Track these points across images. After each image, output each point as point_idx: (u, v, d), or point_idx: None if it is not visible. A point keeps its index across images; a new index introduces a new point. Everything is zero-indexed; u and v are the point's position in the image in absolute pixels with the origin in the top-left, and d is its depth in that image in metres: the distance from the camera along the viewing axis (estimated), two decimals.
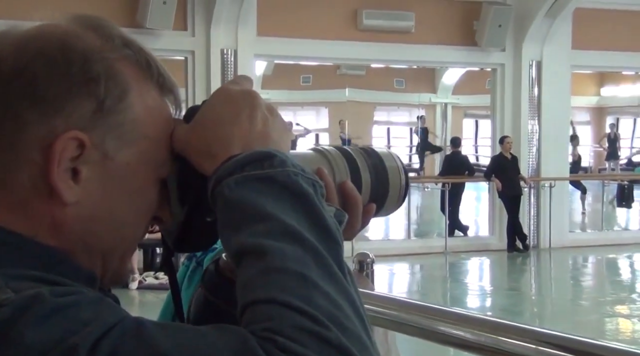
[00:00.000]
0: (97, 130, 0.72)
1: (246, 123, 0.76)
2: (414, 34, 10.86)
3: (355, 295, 0.66)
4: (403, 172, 0.89)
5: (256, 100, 0.78)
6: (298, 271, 0.64)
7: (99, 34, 0.75)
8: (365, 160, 0.87)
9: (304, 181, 0.71)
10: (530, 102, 11.35)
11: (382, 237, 13.38)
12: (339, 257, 0.68)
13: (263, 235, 0.66)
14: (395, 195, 0.89)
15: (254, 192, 0.69)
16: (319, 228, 0.68)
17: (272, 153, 0.71)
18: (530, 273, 10.84)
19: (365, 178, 0.85)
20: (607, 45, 11.58)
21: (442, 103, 22.27)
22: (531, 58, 11.26)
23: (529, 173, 11.24)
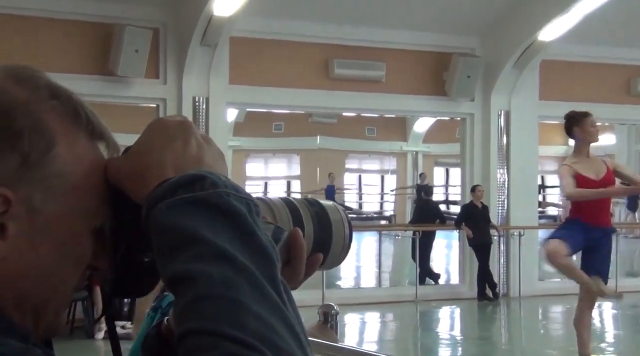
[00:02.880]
0: (23, 185, 0.72)
1: (180, 149, 0.76)
2: (385, 84, 11.00)
3: (290, 314, 0.65)
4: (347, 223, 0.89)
5: (191, 129, 0.79)
6: (229, 296, 0.63)
7: (26, 85, 0.75)
8: (309, 211, 0.86)
9: (237, 201, 0.70)
10: (499, 151, 11.49)
11: (353, 285, 13.34)
12: (274, 276, 0.67)
13: (194, 260, 0.65)
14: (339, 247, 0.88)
15: (186, 216, 0.68)
16: (252, 248, 0.68)
17: (204, 175, 0.71)
18: (500, 322, 10.84)
19: (309, 229, 0.85)
20: (573, 97, 11.77)
21: (413, 152, 22.47)
22: (500, 108, 11.44)
23: (498, 222, 11.32)
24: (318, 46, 10.68)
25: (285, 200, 0.87)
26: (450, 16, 10.71)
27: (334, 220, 0.88)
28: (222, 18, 9.03)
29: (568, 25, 10.19)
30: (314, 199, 0.90)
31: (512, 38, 10.83)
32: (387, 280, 13.16)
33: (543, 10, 10.18)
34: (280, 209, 0.85)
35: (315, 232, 0.86)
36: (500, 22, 10.81)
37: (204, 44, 9.43)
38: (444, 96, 11.28)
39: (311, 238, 0.85)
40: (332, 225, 0.88)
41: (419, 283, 11.31)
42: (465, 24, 10.92)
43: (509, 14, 10.62)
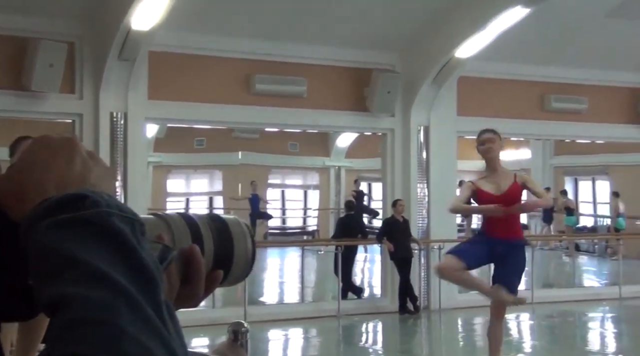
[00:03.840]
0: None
1: (63, 167, 0.74)
2: (306, 99, 11.04)
3: (171, 337, 0.64)
4: (249, 237, 0.89)
5: (75, 145, 0.77)
6: (106, 320, 0.61)
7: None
8: (209, 226, 0.85)
9: (120, 220, 0.68)
10: (419, 165, 11.66)
11: (276, 300, 13.29)
12: (156, 297, 0.66)
13: (71, 283, 0.63)
14: (242, 262, 0.87)
15: (64, 236, 0.66)
16: (134, 269, 0.66)
17: (85, 194, 0.69)
18: (421, 334, 10.97)
19: (208, 245, 0.84)
20: (490, 112, 12.08)
21: (335, 167, 22.61)
22: (419, 123, 11.62)
23: (419, 236, 11.48)
24: (239, 61, 10.65)
25: (184, 216, 0.86)
26: (370, 32, 10.84)
27: (235, 234, 0.87)
28: (140, 32, 8.89)
29: (484, 42, 10.45)
30: (216, 214, 0.89)
31: (430, 55, 11.04)
32: (310, 295, 13.16)
33: (459, 28, 10.42)
34: (178, 225, 0.83)
35: (215, 247, 0.85)
36: (419, 38, 11.01)
37: (121, 58, 9.27)
38: (365, 111, 11.39)
39: (211, 254, 0.84)
40: (233, 239, 0.87)
41: (342, 297, 11.34)
42: (384, 40, 11.08)
43: (427, 31, 10.82)
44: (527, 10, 9.64)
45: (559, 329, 11.06)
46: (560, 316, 11.67)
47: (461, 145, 12.32)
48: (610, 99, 13.16)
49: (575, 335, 10.71)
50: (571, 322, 11.57)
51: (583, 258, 19.99)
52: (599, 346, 9.91)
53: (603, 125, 13.18)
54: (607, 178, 21.92)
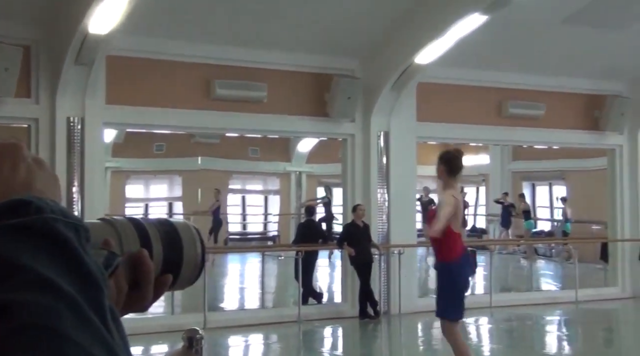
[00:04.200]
0: None
1: (7, 173, 0.74)
2: (266, 104, 11.02)
3: (114, 342, 0.64)
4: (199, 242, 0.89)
5: (20, 151, 0.76)
6: (48, 326, 0.61)
7: None
8: (157, 231, 0.85)
9: (64, 226, 0.68)
10: (379, 171, 11.71)
11: (236, 307, 13.22)
12: (100, 302, 0.66)
13: (12, 289, 0.63)
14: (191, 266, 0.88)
15: (8, 243, 0.66)
16: (77, 274, 0.66)
17: (28, 200, 0.69)
18: (381, 339, 11.00)
19: (157, 249, 0.84)
20: (449, 118, 12.22)
21: (296, 172, 22.60)
22: (379, 129, 11.68)
23: (379, 240, 11.52)
24: (198, 66, 10.60)
25: (132, 220, 0.86)
26: (330, 38, 10.87)
27: (185, 239, 0.88)
28: (98, 36, 8.79)
29: (443, 49, 10.54)
30: (165, 219, 0.90)
31: (389, 60, 11.10)
32: (270, 300, 13.12)
33: (419, 34, 10.51)
34: (126, 229, 0.83)
35: (165, 252, 0.85)
36: (379, 44, 11.07)
37: (78, 62, 9.15)
38: (325, 116, 11.41)
39: (160, 258, 0.84)
40: (182, 244, 0.87)
41: (302, 303, 11.33)
42: (344, 46, 11.12)
43: (387, 37, 10.89)
44: (485, 17, 9.75)
45: (517, 332, 11.18)
46: (518, 319, 11.81)
47: (421, 150, 12.41)
48: (567, 105, 13.37)
49: (533, 339, 10.83)
50: (529, 326, 11.71)
51: (541, 262, 20.27)
52: (556, 350, 10.05)
53: (559, 130, 13.39)
54: (564, 183, 22.27)
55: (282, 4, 9.92)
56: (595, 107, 13.50)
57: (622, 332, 12.10)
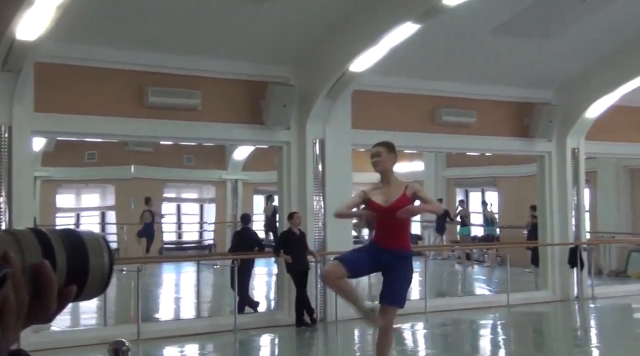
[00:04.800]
0: None
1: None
2: (200, 112, 10.93)
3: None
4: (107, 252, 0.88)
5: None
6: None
7: None
8: (62, 241, 0.84)
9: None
10: (315, 178, 11.73)
11: (171, 317, 13.04)
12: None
13: None
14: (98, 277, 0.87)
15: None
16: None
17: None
18: (318, 347, 10.99)
19: (61, 259, 0.83)
20: (383, 125, 12.31)
21: (232, 180, 22.47)
22: (315, 136, 11.70)
23: (315, 248, 11.52)
24: (131, 73, 10.44)
25: (35, 231, 0.85)
26: (265, 45, 10.86)
27: (91, 249, 0.87)
28: (26, 42, 8.57)
29: (376, 57, 10.64)
30: (71, 229, 0.88)
31: (324, 68, 11.15)
32: (206, 310, 12.98)
33: (353, 42, 10.58)
34: (28, 240, 0.82)
35: (69, 262, 0.84)
36: (313, 52, 11.10)
37: (5, 69, 8.90)
38: (261, 124, 11.38)
39: (64, 269, 0.83)
40: (89, 254, 0.86)
41: (238, 311, 11.24)
42: (279, 54, 11.12)
43: (321, 44, 10.93)
44: (418, 26, 9.88)
45: (451, 337, 11.32)
46: (453, 324, 11.97)
47: (356, 157, 12.47)
48: (498, 113, 13.65)
49: (467, 343, 10.99)
50: (463, 330, 11.87)
51: (474, 267, 20.61)
52: (489, 353, 10.20)
53: (491, 137, 13.65)
54: (496, 189, 22.71)
55: (216, 11, 9.86)
56: (525, 114, 13.82)
57: (552, 335, 12.38)
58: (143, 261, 14.64)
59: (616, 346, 10.22)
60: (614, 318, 13.06)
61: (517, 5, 10.92)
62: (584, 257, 14.13)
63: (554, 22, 11.48)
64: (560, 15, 11.32)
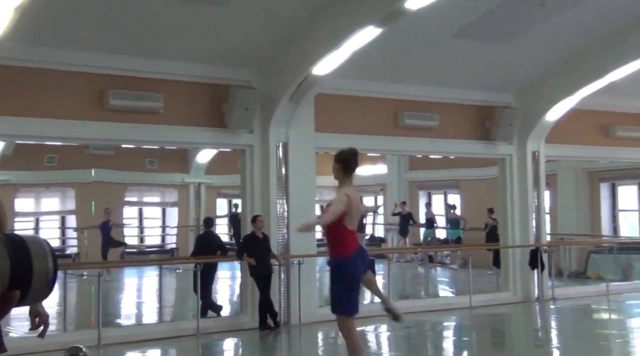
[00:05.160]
0: None
1: None
2: (162, 115, 10.85)
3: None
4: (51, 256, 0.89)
5: None
6: None
7: None
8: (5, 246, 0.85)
9: None
10: (278, 181, 11.71)
11: (133, 321, 12.90)
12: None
13: None
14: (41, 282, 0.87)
15: None
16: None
17: None
18: (281, 350, 10.97)
19: (4, 264, 0.83)
20: (347, 129, 12.35)
21: (195, 183, 22.34)
22: (278, 140, 11.68)
23: (278, 251, 11.50)
24: (91, 76, 10.32)
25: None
26: (227, 48, 10.82)
27: (35, 254, 0.87)
28: None
29: (339, 60, 10.66)
30: (14, 234, 0.88)
31: (287, 72, 11.14)
32: (169, 314, 12.87)
33: (315, 46, 10.58)
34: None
35: (12, 267, 0.84)
36: (276, 55, 11.09)
37: None
38: (223, 127, 11.33)
39: (7, 274, 0.84)
40: (32, 259, 0.86)
41: (201, 315, 11.16)
42: (242, 57, 11.09)
43: (284, 48, 10.93)
44: (380, 30, 9.92)
45: (415, 339, 11.38)
46: (416, 326, 12.02)
47: (320, 161, 12.49)
48: (460, 116, 13.78)
49: (430, 344, 11.05)
50: (426, 332, 11.94)
51: (437, 269, 20.75)
52: (452, 355, 10.28)
53: (453, 141, 13.78)
54: (458, 191, 22.90)
55: (178, 13, 9.79)
56: (486, 118, 13.97)
57: (513, 336, 12.51)
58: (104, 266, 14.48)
59: (576, 347, 10.37)
60: (574, 318, 13.25)
61: (478, 10, 11.03)
62: (545, 258, 14.32)
63: (514, 26, 11.62)
64: (520, 20, 11.47)
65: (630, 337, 11.08)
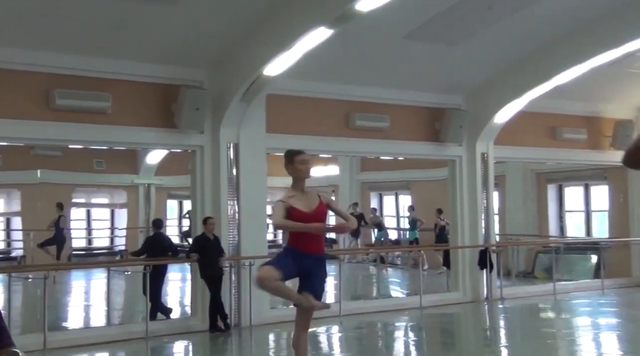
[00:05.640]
0: None
1: None
2: (111, 115, 10.68)
3: None
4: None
5: None
6: None
7: None
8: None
9: None
10: (229, 183, 11.63)
11: (80, 325, 12.68)
12: None
13: None
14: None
15: None
16: None
17: None
18: (231, 352, 10.88)
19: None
20: (298, 130, 12.34)
21: (144, 184, 22.06)
22: (229, 141, 11.60)
23: (229, 253, 11.43)
24: (37, 75, 10.11)
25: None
26: (177, 48, 10.71)
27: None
28: None
29: (291, 61, 10.63)
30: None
31: (238, 72, 11.06)
32: (117, 317, 12.67)
33: (267, 46, 10.53)
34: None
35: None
36: (227, 55, 11.01)
37: None
38: (173, 128, 11.21)
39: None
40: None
41: (150, 318, 11.02)
42: (192, 57, 10.98)
43: (235, 48, 10.85)
44: (331, 31, 9.92)
45: (366, 339, 11.40)
46: (367, 327, 12.06)
47: (271, 162, 12.43)
48: (410, 118, 13.87)
49: (381, 345, 11.09)
50: (377, 332, 11.98)
51: (389, 270, 20.86)
52: (402, 355, 10.33)
53: (404, 142, 13.86)
54: (409, 192, 23.07)
55: (127, 12, 9.64)
56: (436, 119, 14.10)
57: (463, 335, 12.64)
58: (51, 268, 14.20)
59: (523, 346, 10.51)
60: (522, 318, 13.44)
61: (428, 12, 11.11)
62: (494, 258, 14.50)
63: (464, 29, 11.75)
64: (469, 23, 11.59)
65: (576, 335, 11.28)
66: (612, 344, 10.67)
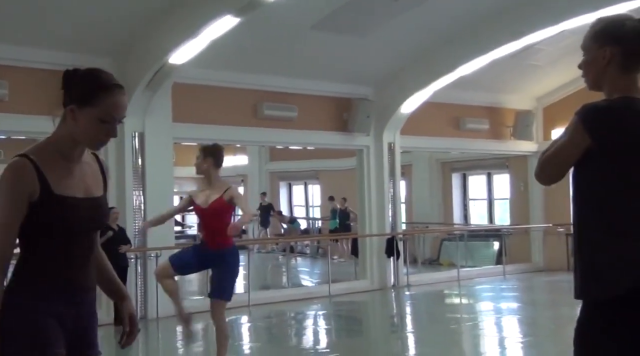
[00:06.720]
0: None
1: None
2: (8, 103, 10.34)
3: None
4: None
5: None
6: None
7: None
8: None
9: None
10: (134, 173, 11.41)
11: None
12: None
13: None
14: None
15: None
16: None
17: None
18: (138, 344, 10.70)
19: None
20: (205, 119, 12.21)
21: None
22: (134, 130, 11.37)
23: (135, 244, 11.22)
24: None
25: None
26: (80, 35, 10.41)
27: None
28: None
29: (197, 49, 10.49)
30: None
31: (143, 60, 10.84)
32: None
33: (172, 34, 10.36)
34: None
35: None
36: (131, 43, 10.77)
37: None
38: None
39: None
40: None
41: None
42: (95, 44, 10.69)
43: (139, 35, 10.63)
44: (238, 19, 9.85)
45: (275, 329, 11.44)
46: (276, 316, 12.09)
47: (178, 151, 12.27)
48: (318, 108, 13.94)
49: (290, 334, 11.14)
50: (286, 321, 12.03)
51: (298, 259, 20.96)
52: (311, 343, 10.40)
53: (312, 132, 13.92)
54: (318, 182, 23.22)
55: None
56: (344, 109, 14.22)
57: (370, 322, 12.84)
58: None
59: (429, 331, 10.77)
60: (428, 304, 13.75)
61: (334, 3, 11.17)
62: (400, 247, 14.76)
63: (370, 19, 11.86)
64: (376, 14, 11.72)
65: (479, 319, 11.63)
66: (513, 327, 11.05)
